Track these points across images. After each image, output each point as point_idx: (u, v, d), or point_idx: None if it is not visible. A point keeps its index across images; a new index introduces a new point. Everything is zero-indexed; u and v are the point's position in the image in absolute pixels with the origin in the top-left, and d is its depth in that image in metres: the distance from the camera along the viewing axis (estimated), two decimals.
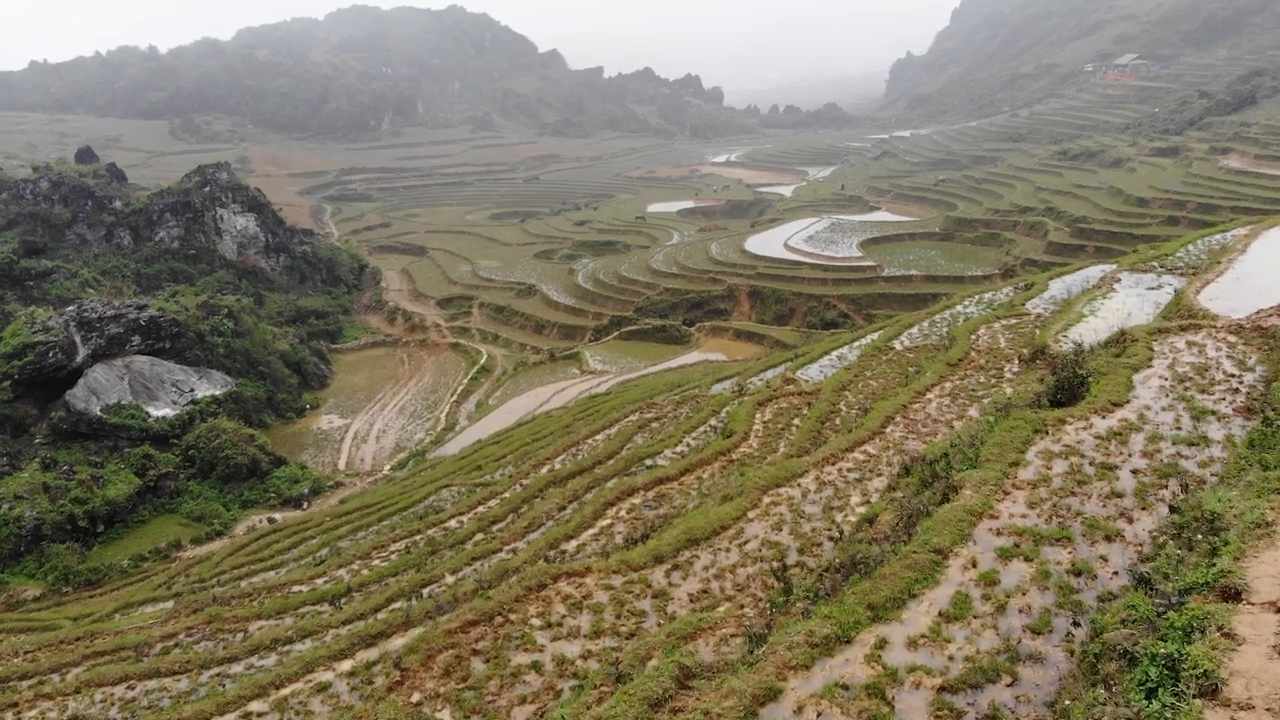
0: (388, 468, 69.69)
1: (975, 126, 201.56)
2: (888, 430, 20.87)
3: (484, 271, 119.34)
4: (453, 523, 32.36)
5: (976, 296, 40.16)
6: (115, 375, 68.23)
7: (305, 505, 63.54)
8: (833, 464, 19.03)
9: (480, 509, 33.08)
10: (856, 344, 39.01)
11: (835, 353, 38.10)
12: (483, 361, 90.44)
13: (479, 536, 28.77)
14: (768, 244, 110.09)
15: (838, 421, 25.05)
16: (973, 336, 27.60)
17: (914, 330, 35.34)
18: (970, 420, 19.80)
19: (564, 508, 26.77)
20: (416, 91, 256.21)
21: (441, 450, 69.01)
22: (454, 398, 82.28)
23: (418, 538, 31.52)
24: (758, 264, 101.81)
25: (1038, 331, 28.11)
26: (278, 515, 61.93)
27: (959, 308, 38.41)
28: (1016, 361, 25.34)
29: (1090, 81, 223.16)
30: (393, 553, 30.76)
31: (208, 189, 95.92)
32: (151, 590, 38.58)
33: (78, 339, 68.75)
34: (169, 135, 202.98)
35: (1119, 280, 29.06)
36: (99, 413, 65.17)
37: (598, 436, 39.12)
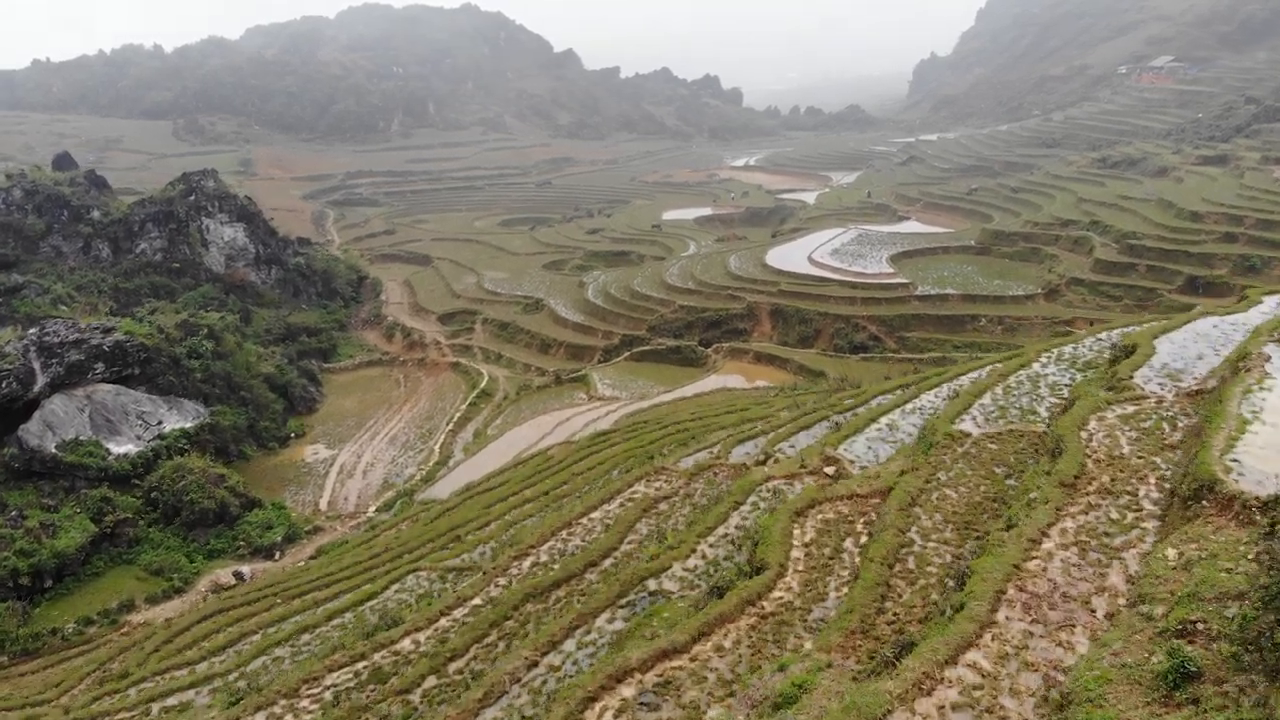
0: (372, 509, 63.37)
1: (1006, 130, 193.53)
2: (999, 616, 14.17)
3: (490, 284, 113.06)
4: (406, 642, 25.86)
5: (1054, 351, 33.22)
6: (75, 407, 62.13)
7: (277, 555, 57.29)
8: (927, 693, 12.36)
9: (442, 622, 26.58)
10: (911, 408, 32.17)
11: (884, 420, 31.28)
12: (483, 384, 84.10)
13: (430, 682, 22.24)
14: (791, 257, 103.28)
15: (911, 563, 18.32)
16: (1083, 435, 20.76)
17: (986, 401, 28.44)
18: (1122, 609, 12.99)
19: (535, 664, 20.12)
20: (428, 92, 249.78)
21: (431, 490, 62.76)
22: (450, 426, 75.91)
23: (361, 666, 25.03)
24: (780, 280, 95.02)
25: (1168, 429, 21.21)
26: (245, 569, 55.70)
27: (1036, 367, 31.54)
28: (1154, 483, 18.46)
29: (1124, 84, 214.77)
30: (327, 688, 24.30)
31: (193, 197, 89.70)
32: (37, 712, 32.19)
33: (37, 366, 62.71)
34: (172, 136, 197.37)
35: (1269, 360, 22.13)
36: (54, 450, 59.09)
37: (594, 515, 32.56)
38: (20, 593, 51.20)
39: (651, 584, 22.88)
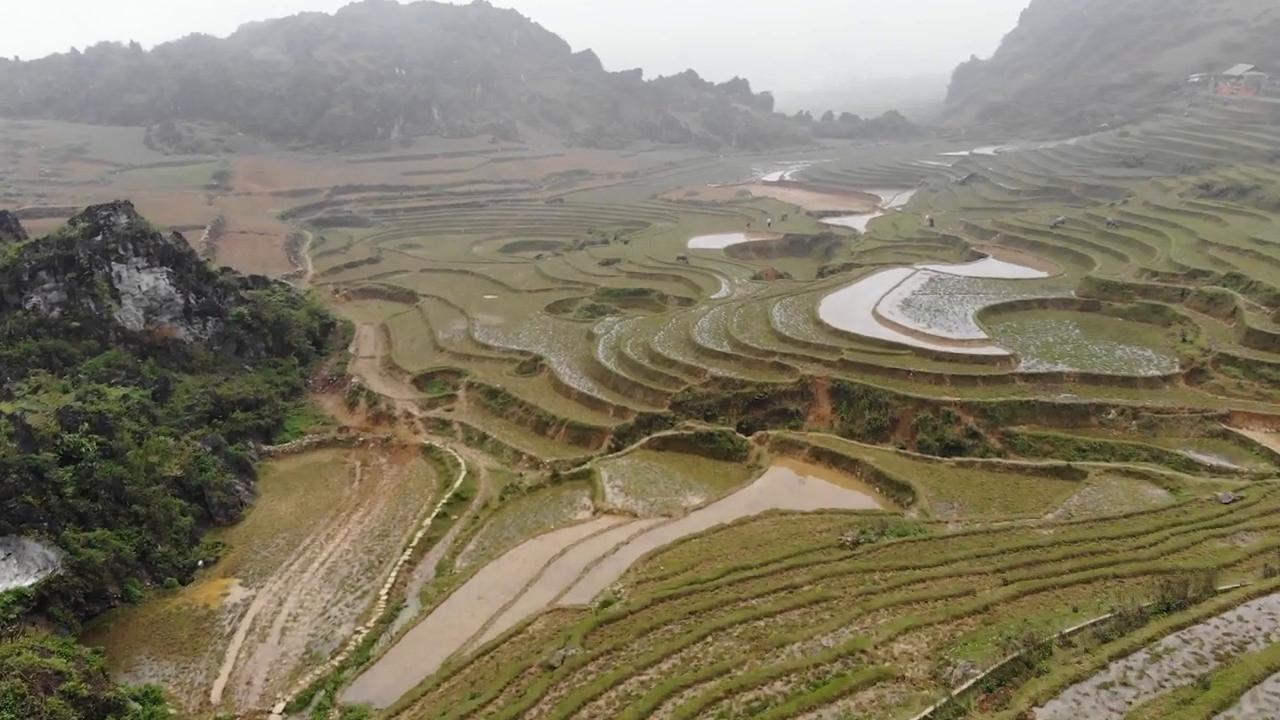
0: (279, 708, 44.12)
1: (1075, 145, 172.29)
2: None
3: (480, 332, 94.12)
4: None
5: None
6: None
7: None
8: None
9: None
10: None
11: None
12: (458, 484, 64.97)
13: None
14: (850, 310, 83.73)
15: None
16: None
17: None
18: None
19: None
20: (432, 95, 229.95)
21: (362, 682, 43.68)
22: (407, 554, 56.70)
23: None
24: (840, 344, 75.50)
25: None
26: None
27: None
28: None
29: (1201, 95, 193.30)
30: None
31: (99, 238, 70.93)
32: None
33: None
34: (143, 144, 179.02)
35: None
36: None
37: None
38: None
39: None
